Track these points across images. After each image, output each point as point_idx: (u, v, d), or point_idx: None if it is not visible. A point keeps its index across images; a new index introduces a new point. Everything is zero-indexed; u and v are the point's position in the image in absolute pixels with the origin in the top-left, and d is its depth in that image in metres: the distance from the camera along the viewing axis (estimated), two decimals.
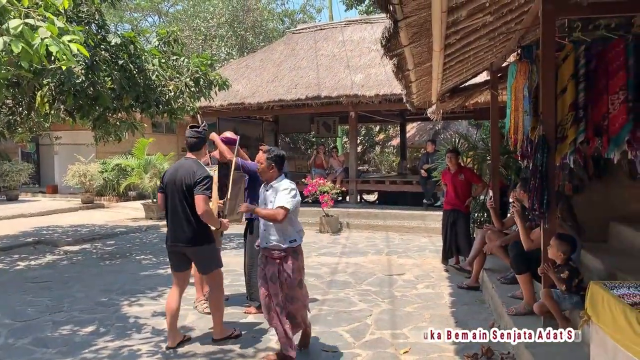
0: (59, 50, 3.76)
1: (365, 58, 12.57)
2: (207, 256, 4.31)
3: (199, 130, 4.40)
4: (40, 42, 3.73)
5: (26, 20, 3.92)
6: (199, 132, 4.39)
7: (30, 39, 3.92)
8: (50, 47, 3.73)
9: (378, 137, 26.76)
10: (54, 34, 3.85)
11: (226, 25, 23.32)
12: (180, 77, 8.23)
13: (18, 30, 3.72)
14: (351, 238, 9.94)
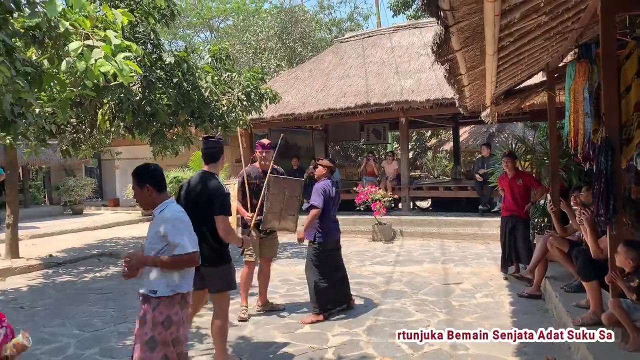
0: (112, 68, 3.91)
1: (414, 63, 12.45)
2: (221, 275, 4.07)
3: (215, 140, 4.21)
4: (94, 62, 3.90)
5: (86, 42, 4.12)
6: (216, 142, 4.19)
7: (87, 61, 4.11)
8: (102, 66, 3.89)
9: (430, 142, 26.39)
10: (107, 53, 4.03)
11: (275, 37, 23.68)
12: (233, 91, 8.42)
13: (78, 52, 3.92)
14: (405, 246, 9.82)
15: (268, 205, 5.23)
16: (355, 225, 11.56)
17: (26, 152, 9.09)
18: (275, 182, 5.28)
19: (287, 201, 5.30)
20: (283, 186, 5.31)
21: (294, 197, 5.35)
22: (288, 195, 5.30)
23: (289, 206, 5.33)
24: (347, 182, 14.60)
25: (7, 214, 9.06)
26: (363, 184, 11.73)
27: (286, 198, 5.30)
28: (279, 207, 5.25)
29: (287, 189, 5.32)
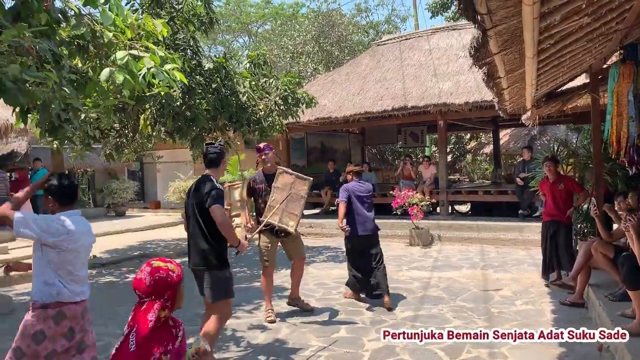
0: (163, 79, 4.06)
1: (453, 65, 12.29)
2: (216, 282, 4.03)
3: (216, 146, 4.33)
4: (147, 71, 4.06)
5: (130, 51, 4.26)
6: (217, 148, 4.30)
7: (135, 69, 4.26)
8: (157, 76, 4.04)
9: (469, 145, 25.96)
10: (156, 63, 4.16)
11: (312, 41, 23.81)
12: (270, 96, 8.51)
13: (124, 61, 4.07)
14: (443, 251, 9.69)
15: (272, 198, 5.20)
16: (392, 230, 11.48)
17: (72, 155, 9.43)
18: (283, 176, 5.23)
19: (292, 198, 5.17)
20: (290, 182, 5.24)
21: (299, 196, 5.18)
22: (294, 193, 5.18)
23: (292, 204, 5.17)
24: (384, 186, 14.50)
25: None
26: (400, 187, 11.64)
27: (291, 195, 5.18)
28: (282, 202, 5.16)
29: (294, 186, 5.22)
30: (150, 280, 2.27)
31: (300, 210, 5.24)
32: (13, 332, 5.46)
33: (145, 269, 2.31)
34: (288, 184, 5.20)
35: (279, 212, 5.15)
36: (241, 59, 10.30)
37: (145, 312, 2.26)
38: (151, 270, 2.29)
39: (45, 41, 4.46)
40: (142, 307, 2.29)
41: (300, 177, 5.34)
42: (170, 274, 2.31)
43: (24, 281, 8.00)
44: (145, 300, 2.30)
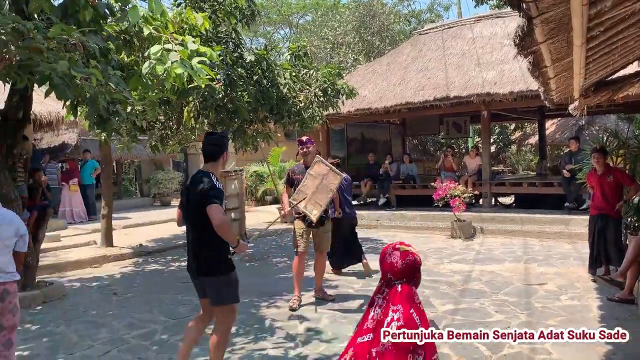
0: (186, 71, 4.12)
1: (497, 54, 11.99)
2: (220, 287, 3.67)
3: (218, 137, 3.88)
4: (170, 65, 4.12)
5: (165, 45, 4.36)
6: (218, 138, 3.86)
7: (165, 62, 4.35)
8: (176, 69, 4.11)
9: (514, 136, 25.32)
10: (183, 57, 4.24)
11: (353, 31, 23.65)
12: (310, 88, 8.53)
13: (158, 55, 4.16)
14: (485, 244, 9.52)
15: (303, 184, 5.26)
16: (433, 222, 11.37)
17: (119, 147, 9.73)
18: (318, 165, 5.24)
19: (321, 188, 5.18)
20: (324, 173, 5.26)
21: (329, 188, 5.20)
22: (324, 184, 5.20)
23: (321, 195, 5.19)
24: (425, 177, 14.32)
25: (102, 205, 9.75)
26: (441, 179, 11.48)
27: (321, 185, 5.20)
28: (312, 190, 5.19)
29: (327, 177, 5.23)
30: (402, 264, 2.41)
31: (326, 202, 5.24)
32: (64, 316, 5.72)
33: (395, 254, 2.45)
34: (321, 174, 5.22)
35: (307, 198, 5.20)
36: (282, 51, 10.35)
37: (402, 294, 2.37)
38: (401, 254, 2.44)
39: (92, 36, 4.61)
40: (395, 289, 2.40)
41: (335, 170, 5.35)
42: (417, 257, 2.46)
43: (75, 268, 8.34)
44: (395, 282, 2.42)
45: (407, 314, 2.28)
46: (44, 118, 10.90)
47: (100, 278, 7.70)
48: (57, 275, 7.81)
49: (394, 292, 2.38)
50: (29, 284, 6.39)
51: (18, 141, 6.24)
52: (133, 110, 7.13)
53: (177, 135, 9.50)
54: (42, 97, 6.19)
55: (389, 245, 2.53)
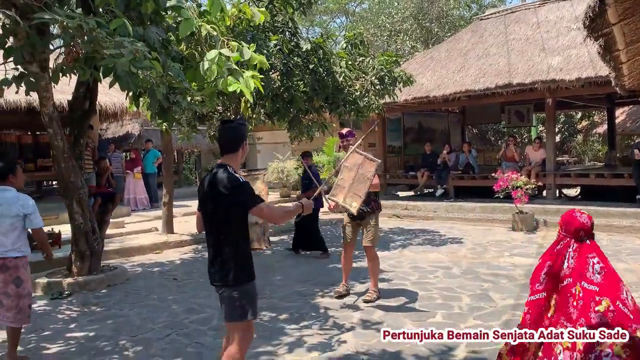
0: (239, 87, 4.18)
1: (563, 39, 11.42)
2: (235, 300, 3.15)
3: (234, 126, 3.31)
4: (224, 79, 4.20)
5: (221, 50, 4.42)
6: (235, 127, 3.28)
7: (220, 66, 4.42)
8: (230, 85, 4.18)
9: (580, 125, 24.18)
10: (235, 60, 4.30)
11: (410, 18, 23.21)
12: (366, 76, 8.43)
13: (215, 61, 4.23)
14: (548, 237, 9.14)
15: (340, 177, 5.09)
16: (493, 214, 11.04)
17: (180, 137, 10.00)
18: (353, 155, 5.03)
19: (358, 179, 4.97)
20: (359, 162, 5.01)
21: (365, 177, 4.96)
22: (360, 174, 4.97)
23: (358, 185, 4.97)
24: (485, 168, 13.91)
25: (163, 193, 10.07)
26: (502, 169, 11.10)
27: (358, 175, 4.97)
28: (349, 182, 5.00)
29: (362, 166, 5.00)
30: (591, 223, 2.88)
31: (364, 192, 4.96)
32: (127, 300, 5.95)
33: (583, 216, 2.89)
34: (357, 164, 5.01)
35: (344, 191, 5.02)
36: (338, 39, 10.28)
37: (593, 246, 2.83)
38: (588, 216, 2.88)
39: (153, 28, 4.73)
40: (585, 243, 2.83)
41: (369, 157, 5.12)
42: None
43: (138, 253, 8.68)
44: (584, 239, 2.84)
45: (603, 257, 2.77)
46: (109, 109, 11.37)
47: (161, 264, 7.97)
48: (121, 260, 8.14)
49: (585, 245, 2.81)
50: (94, 268, 6.70)
51: (84, 131, 6.53)
52: (193, 101, 7.31)
53: None
54: (107, 88, 6.46)
55: (574, 210, 3.00)
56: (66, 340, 4.73)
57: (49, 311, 5.65)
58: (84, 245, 6.55)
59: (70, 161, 6.20)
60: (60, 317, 5.43)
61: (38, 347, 4.57)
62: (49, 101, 5.87)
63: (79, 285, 6.39)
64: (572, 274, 2.77)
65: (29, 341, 4.72)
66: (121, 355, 4.34)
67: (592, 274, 2.70)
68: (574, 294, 2.73)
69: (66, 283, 6.38)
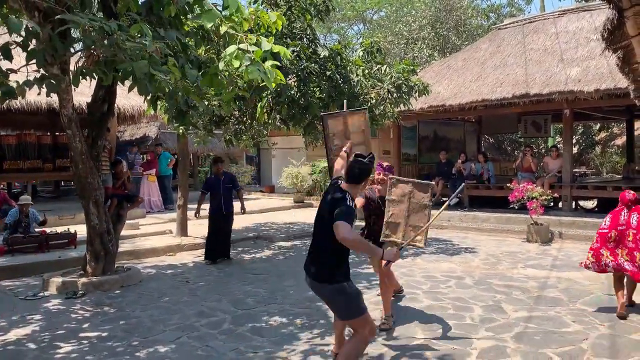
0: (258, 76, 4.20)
1: (582, 50, 11.32)
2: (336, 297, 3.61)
3: (366, 163, 3.73)
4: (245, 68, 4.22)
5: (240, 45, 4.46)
6: (366, 164, 3.71)
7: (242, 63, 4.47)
8: (250, 73, 4.19)
9: (598, 136, 23.89)
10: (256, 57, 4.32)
11: (428, 26, 23.18)
12: (382, 84, 8.43)
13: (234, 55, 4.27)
14: (564, 250, 9.04)
15: (389, 214, 4.60)
16: (507, 224, 10.93)
17: (196, 140, 10.08)
18: (397, 187, 4.58)
19: (413, 209, 4.49)
20: (408, 192, 4.55)
21: (422, 205, 4.49)
22: (414, 202, 4.50)
23: (415, 216, 4.50)
24: (501, 178, 13.79)
25: (178, 196, 10.15)
26: (518, 180, 11.00)
27: (412, 206, 4.50)
28: (403, 216, 4.51)
29: (413, 195, 4.53)
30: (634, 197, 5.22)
31: (426, 221, 4.45)
32: (140, 301, 6.01)
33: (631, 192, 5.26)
34: (405, 194, 4.54)
35: (401, 227, 4.54)
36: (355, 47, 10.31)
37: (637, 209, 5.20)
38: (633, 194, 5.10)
39: (173, 32, 4.79)
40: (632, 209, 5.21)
41: (419, 183, 4.64)
42: None
43: (151, 255, 8.75)
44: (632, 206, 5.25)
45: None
46: (127, 111, 11.52)
47: (175, 266, 8.03)
48: (135, 262, 8.22)
49: (632, 210, 5.19)
50: (109, 269, 6.78)
51: (102, 133, 6.61)
52: (210, 105, 7.38)
53: (250, 130, 9.71)
54: (126, 91, 6.55)
55: (625, 190, 5.49)
56: (79, 339, 4.78)
57: (63, 310, 5.72)
58: (98, 245, 6.62)
59: (87, 162, 6.28)
60: (74, 317, 5.49)
61: (51, 346, 4.63)
62: (69, 103, 5.97)
63: (93, 286, 6.46)
64: (626, 224, 5.14)
65: (43, 339, 4.79)
66: (132, 356, 4.38)
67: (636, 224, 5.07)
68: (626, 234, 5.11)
69: (80, 283, 6.46)
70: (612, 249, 5.16)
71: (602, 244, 5.22)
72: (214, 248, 8.24)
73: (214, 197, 8.27)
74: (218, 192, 8.25)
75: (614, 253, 5.12)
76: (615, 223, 5.21)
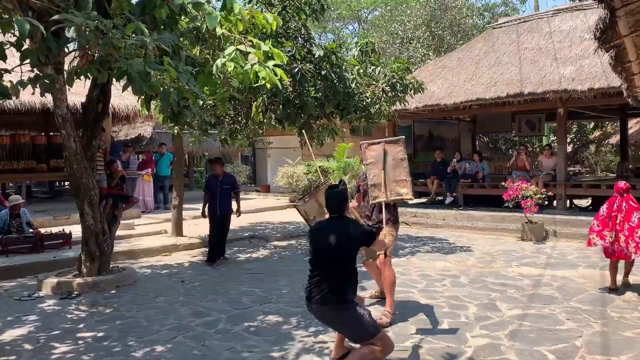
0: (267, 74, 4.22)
1: (576, 49, 11.38)
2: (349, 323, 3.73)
3: (340, 191, 3.85)
4: (250, 67, 4.23)
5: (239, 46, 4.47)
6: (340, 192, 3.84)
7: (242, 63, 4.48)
8: (260, 72, 4.21)
9: (593, 135, 24.01)
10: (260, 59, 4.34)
11: (423, 26, 23.22)
12: (377, 83, 8.45)
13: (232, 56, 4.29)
14: (558, 248, 9.08)
15: (371, 176, 4.73)
16: (502, 223, 10.98)
17: (191, 140, 10.06)
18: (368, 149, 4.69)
19: (391, 166, 4.63)
20: (381, 151, 4.70)
21: (399, 159, 4.65)
22: (391, 159, 4.66)
23: (394, 172, 4.64)
24: (496, 177, 13.84)
25: (173, 196, 10.14)
26: (512, 179, 11.04)
27: (389, 163, 4.65)
28: (382, 176, 4.64)
29: (387, 153, 4.67)
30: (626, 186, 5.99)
31: (406, 173, 4.64)
32: (135, 301, 6.00)
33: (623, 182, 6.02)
34: (379, 154, 4.70)
35: (383, 186, 4.64)
36: (350, 46, 10.32)
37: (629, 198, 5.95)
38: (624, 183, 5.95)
39: (167, 34, 4.79)
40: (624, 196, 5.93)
41: (390, 140, 4.81)
42: None
43: (147, 255, 8.74)
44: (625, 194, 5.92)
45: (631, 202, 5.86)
46: (121, 111, 11.47)
47: (170, 266, 8.02)
48: (130, 262, 8.20)
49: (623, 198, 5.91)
50: (104, 269, 6.76)
51: (97, 133, 6.60)
52: (204, 105, 7.37)
53: (245, 130, 9.71)
54: (121, 91, 6.54)
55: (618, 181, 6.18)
56: (75, 340, 4.77)
57: (58, 311, 5.71)
58: (93, 245, 6.61)
59: (82, 162, 6.27)
60: (69, 317, 5.48)
61: (47, 346, 4.62)
62: (63, 103, 5.96)
63: (88, 286, 6.45)
64: (618, 209, 5.86)
65: (38, 340, 4.78)
66: (128, 356, 4.37)
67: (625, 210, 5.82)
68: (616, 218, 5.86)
69: (75, 283, 6.45)
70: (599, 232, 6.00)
71: (603, 227, 5.98)
72: (211, 249, 8.20)
73: (211, 198, 8.21)
74: (214, 193, 8.18)
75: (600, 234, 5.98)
76: (610, 209, 5.94)
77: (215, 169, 8.44)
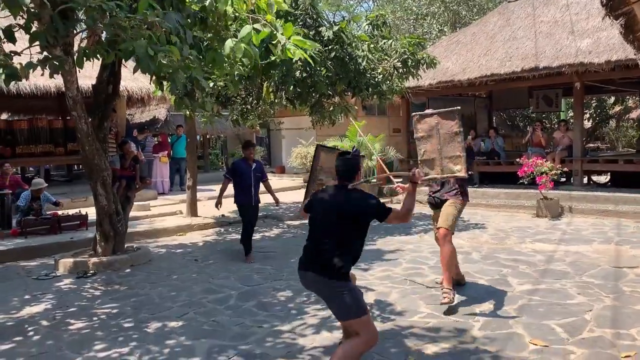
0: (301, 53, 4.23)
1: (593, 21, 11.07)
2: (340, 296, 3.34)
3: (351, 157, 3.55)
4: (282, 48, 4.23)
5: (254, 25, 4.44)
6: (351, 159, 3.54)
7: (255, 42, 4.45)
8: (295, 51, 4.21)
9: (613, 110, 23.46)
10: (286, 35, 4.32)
11: (438, 1, 22.80)
12: (389, 59, 8.35)
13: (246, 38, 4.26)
14: (573, 224, 8.98)
15: (421, 152, 4.41)
16: (517, 200, 10.88)
17: (202, 121, 10.11)
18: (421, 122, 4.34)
19: (445, 141, 4.29)
20: (434, 124, 4.37)
21: (452, 133, 4.28)
22: (444, 133, 4.32)
23: (448, 147, 4.30)
24: (512, 154, 13.66)
25: (187, 177, 10.24)
26: (528, 155, 10.89)
27: (442, 137, 4.31)
28: (436, 150, 4.32)
29: (441, 126, 4.34)
30: None
31: (461, 149, 4.26)
32: (149, 279, 6.10)
33: None
34: (432, 127, 4.36)
35: (436, 162, 4.34)
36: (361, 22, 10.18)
37: None
38: None
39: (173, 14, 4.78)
40: None
41: (444, 112, 4.37)
42: None
43: (162, 235, 8.87)
44: None
45: None
46: (135, 94, 11.55)
47: (184, 245, 8.13)
48: (146, 242, 8.34)
49: None
50: (118, 248, 6.89)
51: (108, 114, 6.66)
52: (215, 86, 7.37)
53: (256, 110, 9.71)
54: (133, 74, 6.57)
55: None
56: (90, 316, 4.89)
57: (74, 289, 5.84)
58: (108, 226, 6.72)
59: (94, 144, 6.35)
60: (85, 295, 5.61)
61: (63, 322, 4.74)
62: (73, 85, 6.01)
63: (103, 265, 6.58)
64: None
65: (55, 317, 4.90)
66: (141, 331, 4.47)
67: None
68: None
69: (91, 263, 6.58)
70: None
71: None
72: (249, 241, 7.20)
73: (243, 186, 7.22)
74: (249, 181, 7.26)
75: None
76: None
77: (248, 154, 7.41)
